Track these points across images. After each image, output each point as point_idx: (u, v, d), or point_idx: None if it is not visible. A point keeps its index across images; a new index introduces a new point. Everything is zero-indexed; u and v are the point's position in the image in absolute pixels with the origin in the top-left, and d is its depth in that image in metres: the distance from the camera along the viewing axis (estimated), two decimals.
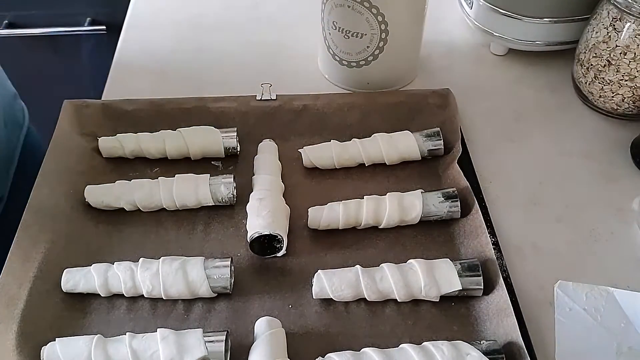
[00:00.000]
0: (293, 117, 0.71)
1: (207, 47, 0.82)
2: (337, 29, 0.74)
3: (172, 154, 0.68)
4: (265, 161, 0.66)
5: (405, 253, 0.60)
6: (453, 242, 0.61)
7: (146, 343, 0.51)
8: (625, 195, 0.68)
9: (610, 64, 0.71)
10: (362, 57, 0.75)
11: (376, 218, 0.61)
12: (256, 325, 0.53)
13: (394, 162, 0.68)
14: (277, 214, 0.60)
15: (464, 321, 0.55)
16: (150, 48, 0.87)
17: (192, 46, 0.86)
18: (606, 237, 0.63)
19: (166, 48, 0.86)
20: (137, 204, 0.63)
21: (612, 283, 0.58)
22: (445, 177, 0.67)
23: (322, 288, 0.56)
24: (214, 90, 0.77)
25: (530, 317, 0.56)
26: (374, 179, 0.67)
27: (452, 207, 0.61)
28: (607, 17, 0.70)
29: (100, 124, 0.70)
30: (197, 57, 0.84)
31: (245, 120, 0.71)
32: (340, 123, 0.71)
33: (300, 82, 0.80)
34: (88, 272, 0.57)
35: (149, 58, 0.85)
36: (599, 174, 0.70)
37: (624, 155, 0.72)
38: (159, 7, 0.94)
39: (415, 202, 0.61)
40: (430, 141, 0.68)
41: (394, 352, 0.51)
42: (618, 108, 0.74)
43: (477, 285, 0.55)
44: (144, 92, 0.74)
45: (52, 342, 0.51)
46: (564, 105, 0.78)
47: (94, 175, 0.66)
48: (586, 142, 0.74)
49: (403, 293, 0.55)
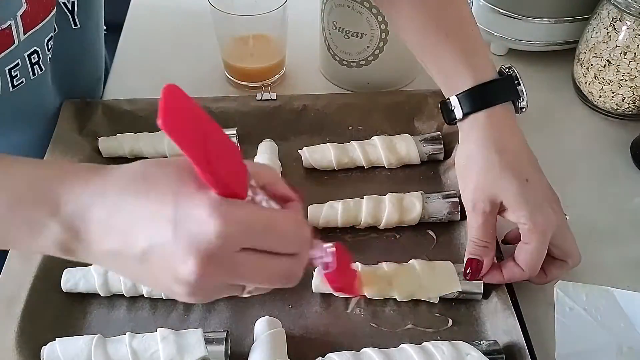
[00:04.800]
0: (293, 117, 0.71)
1: (207, 47, 0.82)
2: (337, 29, 0.74)
3: (172, 154, 0.68)
4: (265, 161, 0.66)
5: (404, 253, 0.59)
6: (453, 244, 0.61)
7: (146, 343, 0.51)
8: (625, 195, 0.68)
9: (610, 64, 0.71)
10: (362, 57, 0.75)
11: (376, 217, 0.61)
12: (256, 325, 0.53)
13: (394, 165, 0.68)
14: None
15: (464, 321, 0.56)
16: (150, 48, 0.87)
17: (192, 46, 0.86)
18: (606, 237, 0.63)
19: (166, 48, 0.86)
20: None
21: (612, 283, 0.58)
22: (445, 179, 0.67)
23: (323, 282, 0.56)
24: (214, 90, 0.77)
25: (530, 317, 0.56)
26: (373, 180, 0.67)
27: (452, 209, 0.61)
28: (607, 17, 0.70)
29: (100, 123, 0.70)
30: (197, 57, 0.84)
31: (245, 120, 0.71)
32: (340, 123, 0.71)
33: (300, 82, 0.80)
34: (88, 271, 0.57)
35: (149, 58, 0.85)
36: (599, 174, 0.70)
37: (624, 155, 0.71)
38: (159, 7, 0.94)
39: (415, 202, 0.61)
40: (430, 146, 0.68)
41: (394, 352, 0.51)
42: (618, 108, 0.74)
43: (477, 289, 0.55)
44: (144, 92, 0.74)
45: (52, 342, 0.51)
46: (564, 105, 0.78)
47: None
48: (586, 142, 0.74)
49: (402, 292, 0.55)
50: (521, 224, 0.53)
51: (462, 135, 0.58)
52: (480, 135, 0.55)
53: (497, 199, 0.54)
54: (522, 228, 0.53)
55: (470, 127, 0.57)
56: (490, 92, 0.56)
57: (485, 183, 0.54)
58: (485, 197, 0.54)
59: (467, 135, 0.57)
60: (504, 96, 0.56)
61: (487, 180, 0.54)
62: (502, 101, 0.56)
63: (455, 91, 0.57)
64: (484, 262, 0.54)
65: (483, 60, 0.57)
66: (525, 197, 0.53)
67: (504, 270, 0.55)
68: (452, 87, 0.57)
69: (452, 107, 0.57)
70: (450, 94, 0.57)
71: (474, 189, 0.55)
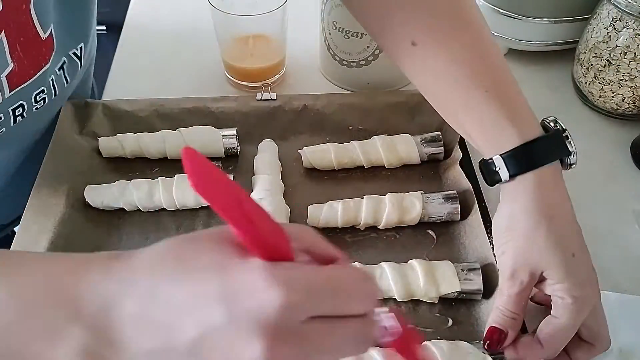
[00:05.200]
0: (293, 117, 0.71)
1: (206, 47, 0.82)
2: (337, 29, 0.74)
3: (172, 154, 0.68)
4: (265, 161, 0.66)
5: (404, 253, 0.59)
6: (453, 244, 0.61)
7: None
8: (625, 195, 0.68)
9: (610, 64, 0.71)
10: (362, 57, 0.75)
11: (375, 217, 0.61)
12: None
13: (394, 165, 0.68)
14: (277, 214, 0.60)
15: (464, 321, 0.56)
16: (150, 48, 0.87)
17: (192, 46, 0.86)
18: (606, 237, 0.63)
19: (166, 48, 0.86)
20: (137, 204, 0.63)
21: (612, 283, 0.58)
22: (445, 179, 0.67)
23: None
24: (214, 90, 0.77)
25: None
26: (373, 180, 0.67)
27: (452, 209, 0.61)
28: (607, 17, 0.70)
29: (100, 124, 0.70)
30: (197, 57, 0.84)
31: (245, 120, 0.71)
32: (340, 123, 0.71)
33: (300, 82, 0.80)
34: None
35: (149, 58, 0.85)
36: (599, 174, 0.70)
37: (624, 155, 0.72)
38: (159, 7, 0.94)
39: (415, 202, 0.61)
40: (430, 146, 0.68)
41: None
42: (618, 108, 0.74)
43: (477, 289, 0.55)
44: (144, 92, 0.74)
45: None
46: (564, 105, 0.78)
47: (94, 175, 0.66)
48: (586, 142, 0.74)
49: (402, 292, 0.55)
50: (558, 297, 0.49)
51: (504, 195, 0.53)
52: (529, 198, 0.50)
53: (538, 270, 0.49)
54: (556, 301, 0.49)
55: (516, 188, 0.52)
56: (539, 151, 0.51)
57: (528, 251, 0.50)
58: (527, 266, 0.49)
59: (513, 196, 0.52)
60: (553, 154, 0.51)
61: (532, 248, 0.49)
62: (552, 160, 0.51)
63: (499, 151, 0.52)
64: (509, 334, 0.50)
65: (527, 115, 0.53)
66: (570, 272, 0.49)
67: (520, 346, 0.50)
68: (495, 146, 0.52)
69: (496, 169, 0.52)
70: (493, 154, 0.52)
71: (515, 256, 0.50)
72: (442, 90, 0.57)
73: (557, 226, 0.50)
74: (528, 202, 0.50)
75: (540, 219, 0.50)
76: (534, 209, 0.50)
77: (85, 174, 0.66)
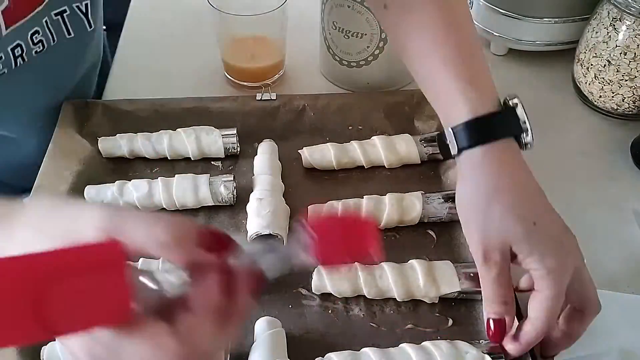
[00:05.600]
0: (293, 117, 0.71)
1: (206, 47, 0.82)
2: (337, 29, 0.74)
3: (172, 154, 0.68)
4: (265, 161, 0.66)
5: (405, 253, 0.59)
6: (453, 244, 0.61)
7: None
8: (625, 195, 0.68)
9: (610, 64, 0.71)
10: (362, 57, 0.75)
11: (376, 217, 0.61)
12: (256, 326, 0.53)
13: (394, 165, 0.68)
14: (277, 214, 0.60)
15: (464, 321, 0.56)
16: (150, 48, 0.87)
17: (192, 46, 0.86)
18: (606, 237, 0.63)
19: (166, 48, 0.86)
20: (137, 204, 0.63)
21: (612, 284, 0.58)
22: (445, 178, 0.67)
23: (322, 282, 0.56)
24: (214, 90, 0.77)
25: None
26: (374, 180, 0.67)
27: (452, 209, 0.61)
28: (607, 17, 0.70)
29: (100, 124, 0.70)
30: (197, 57, 0.84)
31: (245, 120, 0.71)
32: (340, 123, 0.71)
33: (300, 82, 0.80)
34: None
35: (149, 58, 0.85)
36: (599, 174, 0.70)
37: (624, 155, 0.71)
38: (159, 7, 0.94)
39: (415, 202, 0.61)
40: (430, 146, 0.68)
41: (394, 351, 0.51)
42: (618, 108, 0.74)
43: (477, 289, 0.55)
44: (144, 92, 0.74)
45: (52, 342, 0.51)
46: (564, 105, 0.78)
47: (94, 175, 0.66)
48: (586, 142, 0.74)
49: (402, 292, 0.55)
50: (532, 270, 0.48)
51: (459, 171, 0.52)
52: (477, 173, 0.50)
53: (505, 246, 0.48)
54: (534, 275, 0.48)
55: (466, 164, 0.51)
56: (489, 126, 0.50)
57: (488, 230, 0.48)
58: (494, 245, 0.48)
59: (463, 174, 0.52)
60: (504, 131, 0.50)
61: (490, 227, 0.48)
62: (502, 137, 0.50)
63: (451, 124, 0.51)
64: (507, 320, 0.48)
65: (484, 90, 0.51)
66: (534, 242, 0.47)
67: (519, 336, 0.49)
68: (448, 119, 0.52)
69: (447, 141, 0.51)
70: (445, 127, 0.52)
71: (479, 238, 0.49)
72: (408, 58, 0.57)
73: (509, 198, 0.48)
74: (477, 177, 0.50)
75: (493, 194, 0.48)
76: (484, 183, 0.49)
77: (85, 174, 0.66)
